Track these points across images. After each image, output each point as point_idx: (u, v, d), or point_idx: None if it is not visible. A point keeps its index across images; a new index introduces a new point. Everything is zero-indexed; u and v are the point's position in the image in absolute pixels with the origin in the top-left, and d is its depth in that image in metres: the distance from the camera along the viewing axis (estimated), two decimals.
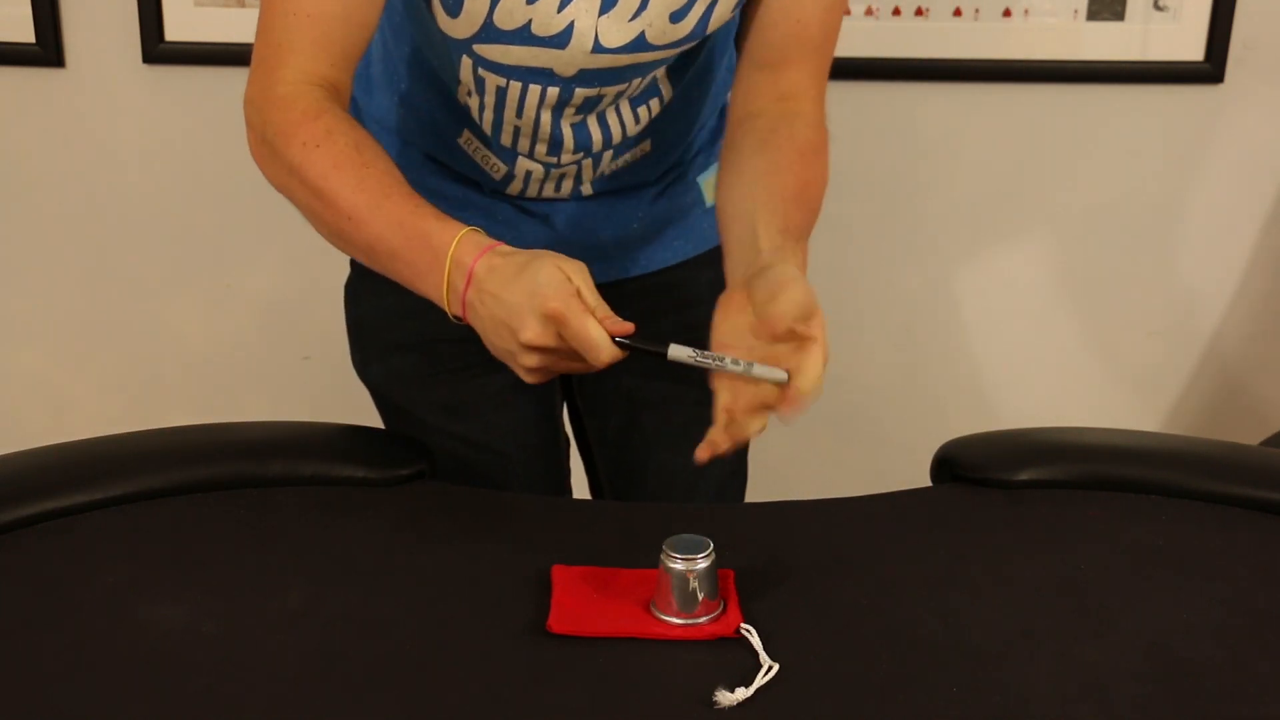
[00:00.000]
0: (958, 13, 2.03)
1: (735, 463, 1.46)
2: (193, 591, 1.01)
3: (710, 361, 0.98)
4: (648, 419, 1.41)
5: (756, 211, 1.09)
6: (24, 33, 2.01)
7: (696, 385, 1.41)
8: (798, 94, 1.18)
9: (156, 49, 2.02)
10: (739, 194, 1.13)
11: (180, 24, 2.01)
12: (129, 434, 1.22)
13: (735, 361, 0.97)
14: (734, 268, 1.08)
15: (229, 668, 0.93)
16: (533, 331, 0.98)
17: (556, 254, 1.01)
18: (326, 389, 2.22)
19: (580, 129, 1.23)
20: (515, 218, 1.32)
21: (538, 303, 0.97)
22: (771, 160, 1.14)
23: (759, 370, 0.97)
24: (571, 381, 1.45)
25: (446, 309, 1.04)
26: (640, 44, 1.14)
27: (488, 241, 1.02)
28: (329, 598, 1.01)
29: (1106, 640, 0.97)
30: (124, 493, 1.12)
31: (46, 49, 2.02)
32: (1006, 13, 2.03)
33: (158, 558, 1.06)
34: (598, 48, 1.13)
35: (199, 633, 0.96)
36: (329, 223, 1.08)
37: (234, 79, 2.05)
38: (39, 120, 2.09)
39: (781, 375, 0.96)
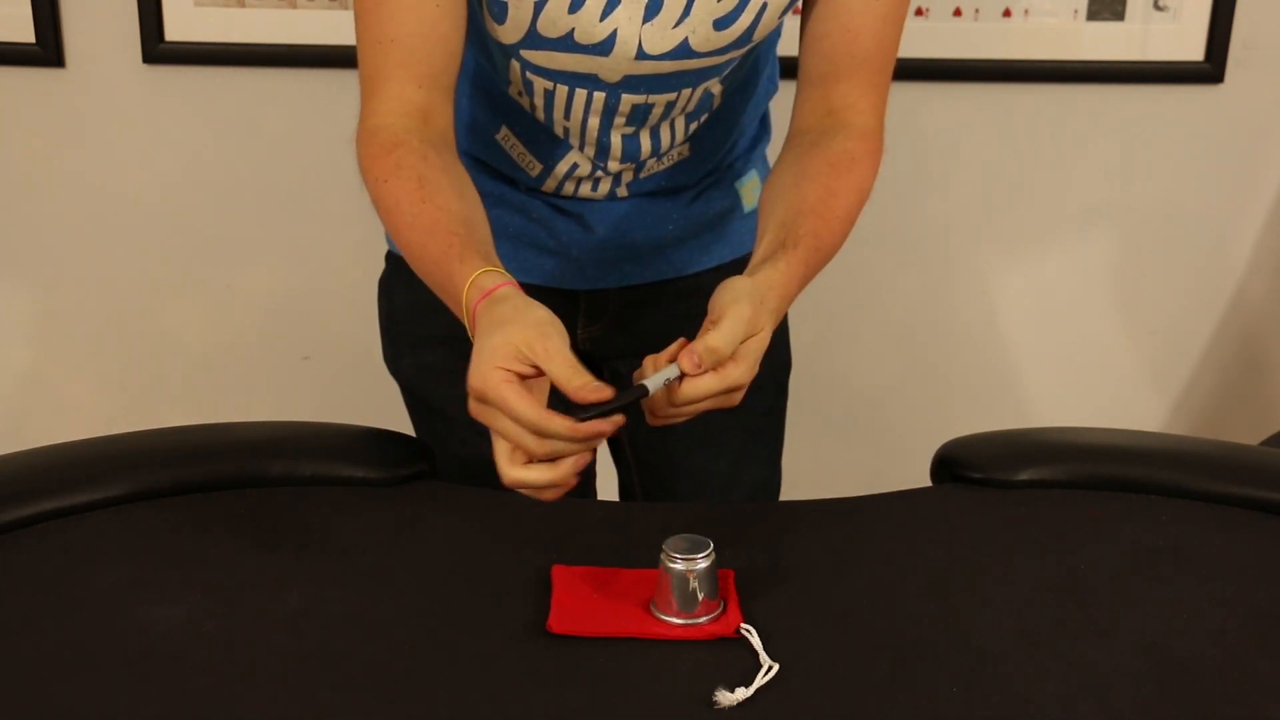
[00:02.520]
0: (958, 13, 2.03)
1: (769, 468, 1.46)
2: (193, 591, 1.01)
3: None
4: (681, 422, 1.41)
5: (768, 222, 1.12)
6: (24, 33, 2.01)
7: None
8: (846, 107, 1.18)
9: (156, 49, 2.02)
10: (764, 205, 1.15)
11: (180, 24, 2.01)
12: (129, 434, 1.22)
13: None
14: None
15: (229, 668, 0.93)
16: (470, 405, 0.97)
17: (536, 314, 0.98)
18: (326, 389, 2.23)
19: (631, 140, 1.24)
20: (550, 216, 1.32)
21: (471, 377, 0.96)
22: (799, 172, 1.15)
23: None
24: (605, 380, 1.45)
25: None
26: (685, 50, 1.15)
27: (491, 284, 1.01)
28: (329, 598, 1.01)
29: (1106, 640, 0.97)
30: (124, 493, 1.12)
31: (46, 49, 2.02)
32: (1006, 13, 2.03)
33: (158, 558, 1.06)
34: (641, 54, 1.14)
35: (199, 633, 0.96)
36: (401, 250, 1.12)
37: (234, 79, 2.08)
38: (39, 120, 2.09)
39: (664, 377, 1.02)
